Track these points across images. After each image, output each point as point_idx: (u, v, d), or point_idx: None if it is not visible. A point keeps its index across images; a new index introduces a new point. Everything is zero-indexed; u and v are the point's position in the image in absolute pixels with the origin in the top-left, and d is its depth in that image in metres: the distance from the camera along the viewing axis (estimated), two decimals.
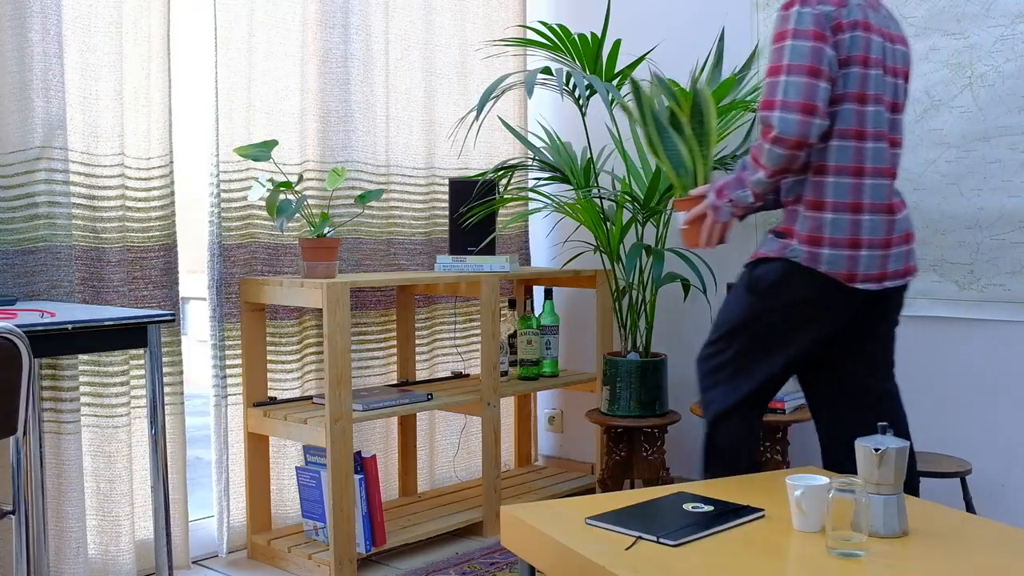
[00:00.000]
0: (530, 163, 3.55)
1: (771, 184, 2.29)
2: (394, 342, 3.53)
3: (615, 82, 3.31)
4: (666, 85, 2.73)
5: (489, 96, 3.08)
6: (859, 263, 2.25)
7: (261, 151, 2.90)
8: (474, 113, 3.73)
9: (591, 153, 3.34)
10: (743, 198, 2.31)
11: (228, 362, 3.06)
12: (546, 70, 3.24)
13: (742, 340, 2.38)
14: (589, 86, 3.12)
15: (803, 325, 2.33)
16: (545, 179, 3.44)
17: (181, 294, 2.95)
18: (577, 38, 3.20)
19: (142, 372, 2.84)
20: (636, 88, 2.72)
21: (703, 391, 2.47)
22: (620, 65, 3.70)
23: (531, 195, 3.77)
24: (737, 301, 2.39)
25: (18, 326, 1.94)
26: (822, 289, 2.27)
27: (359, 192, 3.30)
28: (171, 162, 2.89)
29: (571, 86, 3.30)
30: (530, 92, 2.97)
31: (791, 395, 3.07)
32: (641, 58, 3.29)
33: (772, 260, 2.31)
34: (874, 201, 2.26)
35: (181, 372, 2.92)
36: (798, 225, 2.28)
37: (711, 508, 1.97)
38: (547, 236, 4.09)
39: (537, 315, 3.63)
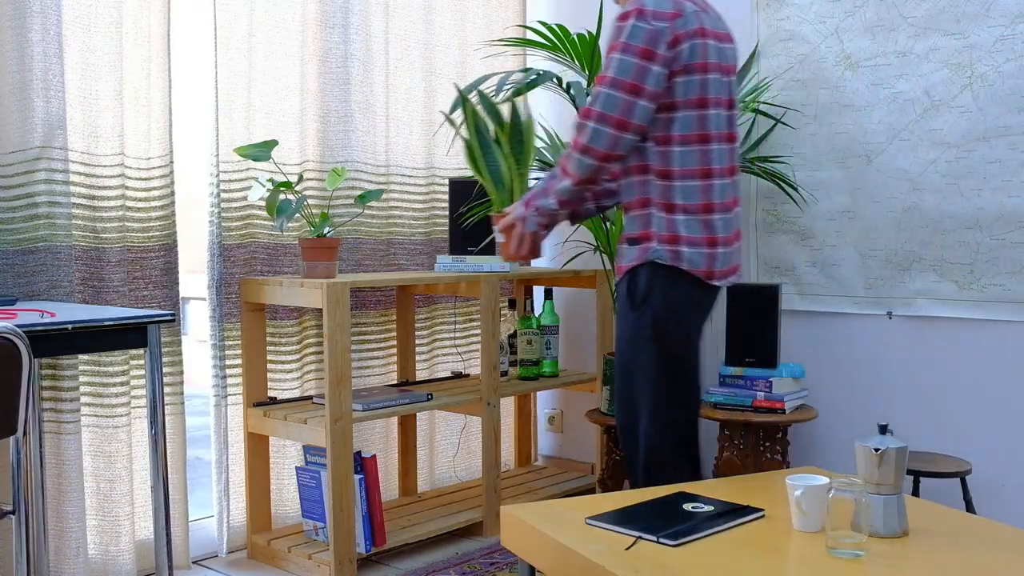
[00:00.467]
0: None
1: (576, 192, 2.35)
2: (394, 342, 3.53)
3: None
4: (490, 103, 2.81)
5: (465, 97, 3.05)
6: (716, 260, 2.34)
7: (261, 151, 2.90)
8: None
9: None
10: (547, 206, 2.35)
11: (228, 362, 3.06)
12: (527, 71, 3.24)
13: (660, 366, 2.36)
14: (569, 86, 3.12)
15: (692, 325, 2.39)
16: None
17: (181, 294, 2.95)
18: (576, 38, 3.20)
19: (142, 372, 2.84)
20: (464, 101, 2.76)
21: (643, 446, 2.38)
22: None
23: None
24: (628, 332, 2.37)
25: (18, 326, 1.94)
26: (689, 286, 2.34)
27: (359, 192, 3.30)
28: (171, 162, 2.89)
29: (565, 86, 3.29)
30: (517, 94, 2.97)
31: (791, 395, 3.07)
32: None
33: (638, 268, 2.34)
34: (723, 200, 2.34)
35: (181, 372, 2.92)
36: (655, 227, 2.32)
37: (711, 508, 1.97)
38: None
39: (537, 315, 3.64)
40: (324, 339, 2.81)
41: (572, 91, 3.23)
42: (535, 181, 3.04)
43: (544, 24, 3.24)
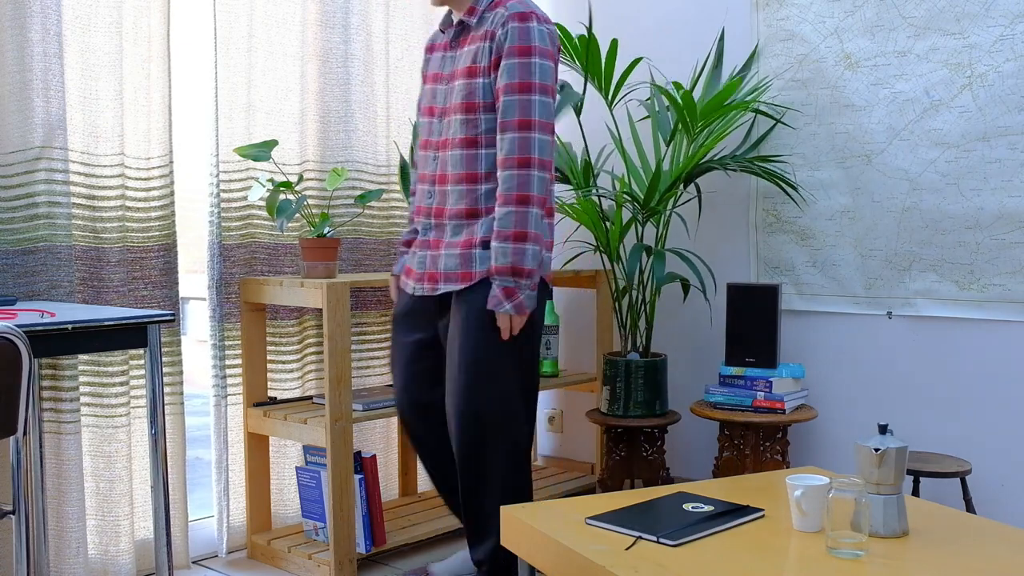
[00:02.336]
0: None
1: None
2: None
3: (615, 83, 3.31)
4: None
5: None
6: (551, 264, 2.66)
7: (261, 151, 2.90)
8: None
9: (590, 153, 3.33)
10: (532, 284, 2.45)
11: (228, 362, 3.06)
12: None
13: (526, 367, 2.51)
14: (562, 86, 3.12)
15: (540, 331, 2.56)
16: None
17: (181, 294, 2.95)
18: (577, 39, 3.20)
19: (142, 372, 2.84)
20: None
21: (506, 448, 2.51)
22: (620, 65, 3.70)
23: None
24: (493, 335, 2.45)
25: (18, 326, 1.94)
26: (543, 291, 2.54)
27: (359, 192, 3.30)
28: (171, 162, 2.89)
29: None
30: None
31: (791, 395, 3.07)
32: (635, 62, 3.29)
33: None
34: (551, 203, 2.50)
35: (181, 372, 2.92)
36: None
37: (711, 508, 1.97)
38: None
39: None
40: (324, 339, 2.81)
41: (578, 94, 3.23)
42: None
43: None
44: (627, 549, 1.76)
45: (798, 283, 3.37)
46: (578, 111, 3.29)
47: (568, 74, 3.86)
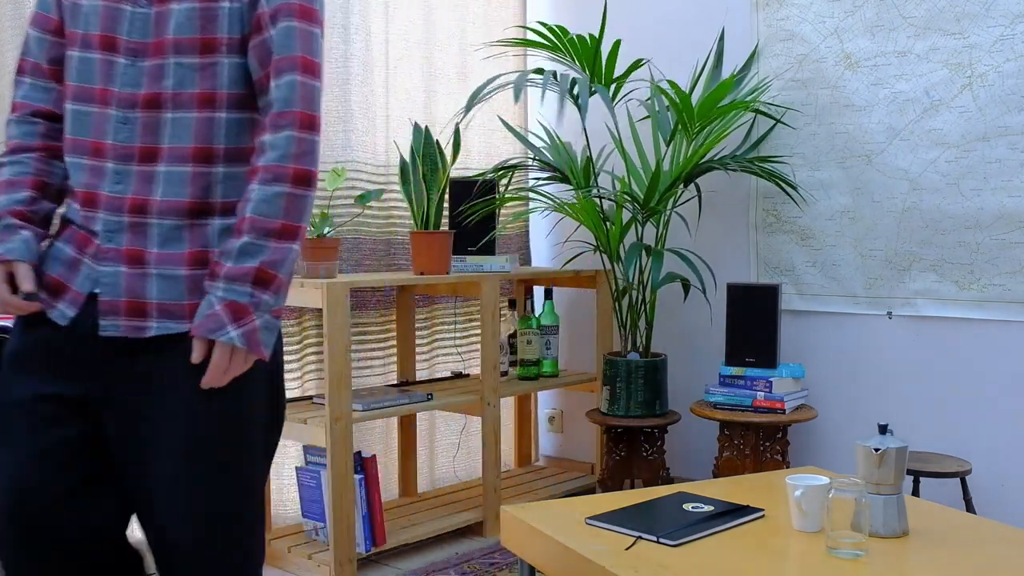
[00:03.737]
0: (530, 163, 3.55)
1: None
2: (394, 342, 3.53)
3: (615, 83, 3.31)
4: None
5: (476, 97, 3.07)
6: None
7: None
8: (469, 113, 3.73)
9: (591, 153, 3.33)
10: (277, 304, 1.53)
11: None
12: (539, 71, 3.24)
13: (270, 448, 1.66)
14: (573, 86, 3.12)
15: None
16: (545, 179, 3.44)
17: None
18: (576, 39, 3.20)
19: None
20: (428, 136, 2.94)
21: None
22: (620, 65, 3.70)
23: (531, 195, 3.77)
24: (228, 401, 1.54)
25: None
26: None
27: (359, 192, 3.30)
28: None
29: (569, 86, 3.29)
30: (517, 96, 2.98)
31: (791, 395, 3.07)
32: (637, 62, 3.29)
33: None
34: None
35: None
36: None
37: (711, 508, 1.97)
38: (547, 236, 4.09)
39: (537, 315, 3.64)
40: (324, 339, 2.81)
41: (577, 93, 3.23)
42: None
43: (544, 24, 3.24)
44: (627, 549, 1.76)
45: (798, 283, 3.36)
46: (582, 110, 3.29)
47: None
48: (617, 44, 3.23)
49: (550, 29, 3.20)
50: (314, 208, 3.21)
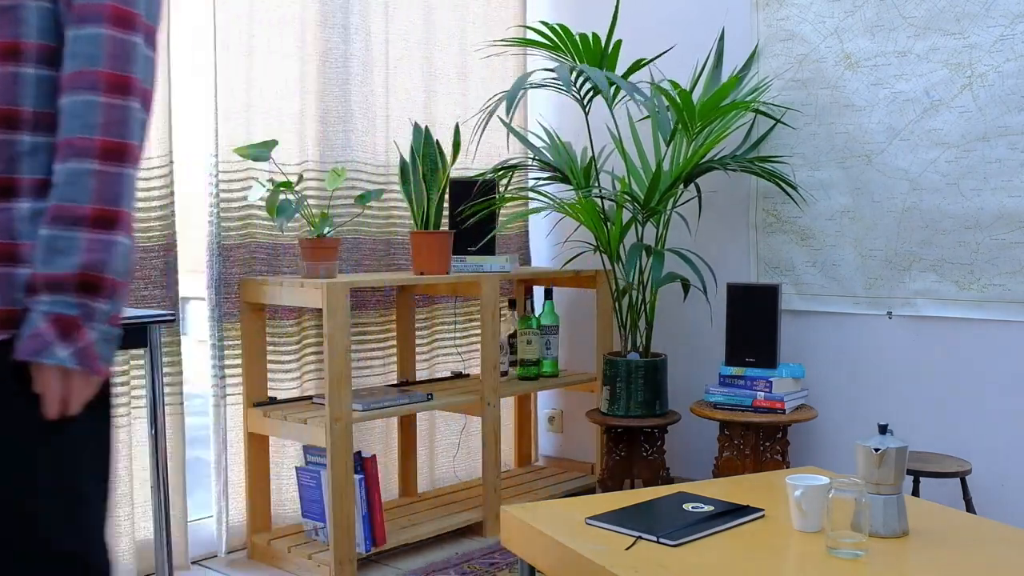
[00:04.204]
0: (530, 163, 3.55)
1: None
2: (394, 342, 3.53)
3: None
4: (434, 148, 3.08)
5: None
6: None
7: (261, 151, 2.90)
8: (478, 115, 3.73)
9: (592, 152, 3.33)
10: (114, 311, 1.29)
11: (228, 362, 3.06)
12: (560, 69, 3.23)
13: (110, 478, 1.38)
14: (591, 85, 3.12)
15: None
16: (545, 179, 3.44)
17: (181, 294, 2.95)
18: (580, 38, 3.20)
19: (142, 372, 2.84)
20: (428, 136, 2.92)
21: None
22: (620, 65, 3.70)
23: (531, 195, 3.77)
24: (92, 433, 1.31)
25: None
26: None
27: (359, 192, 3.30)
28: (171, 162, 2.89)
29: (580, 83, 3.28)
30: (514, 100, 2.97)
31: (791, 395, 3.07)
32: (639, 62, 3.29)
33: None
34: None
35: (181, 372, 2.92)
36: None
37: (711, 508, 1.97)
38: (547, 236, 4.09)
39: (537, 315, 3.63)
40: (324, 339, 2.81)
41: (589, 88, 3.22)
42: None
43: (545, 24, 3.24)
44: (627, 549, 1.76)
45: (798, 283, 3.36)
46: (586, 107, 3.28)
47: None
48: (618, 44, 3.23)
49: (551, 28, 3.20)
50: (314, 208, 3.20)
